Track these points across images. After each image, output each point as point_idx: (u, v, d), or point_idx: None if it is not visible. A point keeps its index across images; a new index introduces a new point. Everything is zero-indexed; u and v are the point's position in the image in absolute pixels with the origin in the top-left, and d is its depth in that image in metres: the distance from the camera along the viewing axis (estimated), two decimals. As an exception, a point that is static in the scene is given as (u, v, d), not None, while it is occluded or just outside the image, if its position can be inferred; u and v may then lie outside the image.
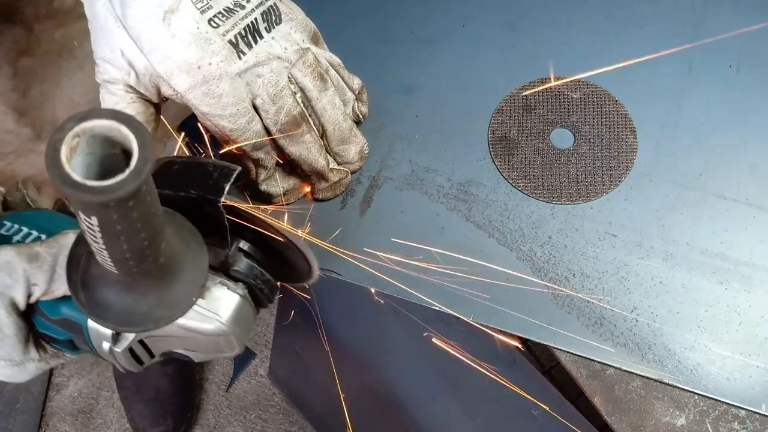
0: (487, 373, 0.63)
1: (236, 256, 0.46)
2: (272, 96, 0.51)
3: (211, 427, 1.44)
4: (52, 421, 1.45)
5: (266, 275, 0.47)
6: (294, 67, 0.52)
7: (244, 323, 0.46)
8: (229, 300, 0.44)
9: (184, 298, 0.40)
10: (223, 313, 0.44)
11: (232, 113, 0.51)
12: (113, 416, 1.45)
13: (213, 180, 0.44)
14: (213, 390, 1.48)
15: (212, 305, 0.44)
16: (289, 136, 0.53)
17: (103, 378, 1.49)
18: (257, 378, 1.48)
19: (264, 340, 1.52)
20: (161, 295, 0.39)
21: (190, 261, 0.40)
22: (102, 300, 0.38)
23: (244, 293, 0.45)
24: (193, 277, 0.40)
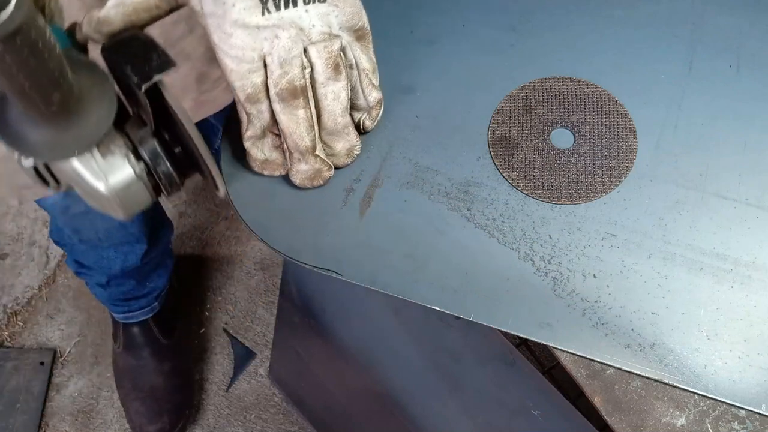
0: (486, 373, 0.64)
1: (147, 139, 0.50)
2: (282, 60, 0.52)
3: (211, 427, 1.44)
4: (52, 421, 1.46)
5: (169, 169, 0.51)
6: (312, 45, 0.52)
7: (131, 197, 0.50)
8: (122, 170, 0.49)
9: (80, 141, 0.45)
10: (112, 179, 0.48)
11: (237, 56, 0.52)
12: (113, 416, 1.46)
13: (150, 66, 0.47)
14: (213, 390, 1.48)
15: (106, 167, 0.48)
16: (284, 104, 0.53)
17: (103, 378, 1.49)
18: (257, 378, 1.49)
19: (264, 340, 1.52)
20: (59, 133, 0.44)
21: (96, 111, 0.45)
22: (11, 124, 0.44)
23: (140, 172, 0.49)
24: (95, 125, 0.45)
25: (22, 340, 1.53)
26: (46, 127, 0.43)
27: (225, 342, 1.53)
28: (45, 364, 1.49)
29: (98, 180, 0.48)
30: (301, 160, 0.57)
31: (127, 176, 0.49)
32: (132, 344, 1.40)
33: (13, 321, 1.55)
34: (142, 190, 0.51)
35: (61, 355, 1.52)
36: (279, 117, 0.54)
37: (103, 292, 1.31)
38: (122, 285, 1.29)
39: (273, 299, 1.56)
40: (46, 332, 1.54)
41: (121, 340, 1.41)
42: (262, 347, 1.52)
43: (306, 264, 0.57)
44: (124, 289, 1.30)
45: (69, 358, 1.52)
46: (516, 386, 0.70)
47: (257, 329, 1.54)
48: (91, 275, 1.26)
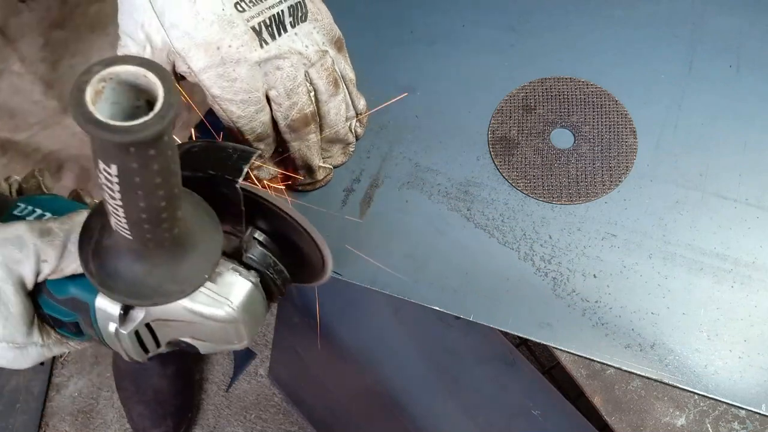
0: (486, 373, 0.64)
1: (250, 244, 0.46)
2: (288, 90, 0.51)
3: (211, 427, 1.44)
4: (52, 421, 1.45)
5: (279, 265, 0.47)
6: (312, 67, 0.52)
7: (254, 312, 0.45)
8: (240, 286, 0.43)
9: (195, 274, 0.39)
10: (234, 298, 0.43)
11: (243, 99, 0.50)
12: (113, 416, 1.45)
13: (232, 161, 0.44)
14: (213, 390, 1.48)
15: (223, 290, 0.43)
16: (296, 133, 0.53)
17: (103, 378, 1.49)
18: (257, 378, 1.49)
19: (264, 340, 1.52)
20: (172, 269, 0.38)
21: (204, 239, 0.40)
22: (112, 270, 0.38)
23: (256, 281, 0.44)
24: (207, 255, 0.40)
25: (22, 340, 1.53)
26: (162, 263, 0.37)
27: (225, 342, 1.52)
28: (45, 364, 1.49)
29: (220, 308, 0.42)
30: (307, 177, 0.58)
31: (247, 290, 0.44)
32: None
33: (13, 321, 1.55)
34: (261, 300, 0.46)
35: (61, 355, 1.52)
36: (290, 145, 0.54)
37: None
38: None
39: (273, 299, 1.56)
40: (46, 332, 1.54)
41: None
42: (262, 347, 1.52)
43: (306, 264, 0.57)
44: None
45: (69, 358, 1.52)
46: (516, 386, 0.70)
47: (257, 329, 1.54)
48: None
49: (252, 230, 0.46)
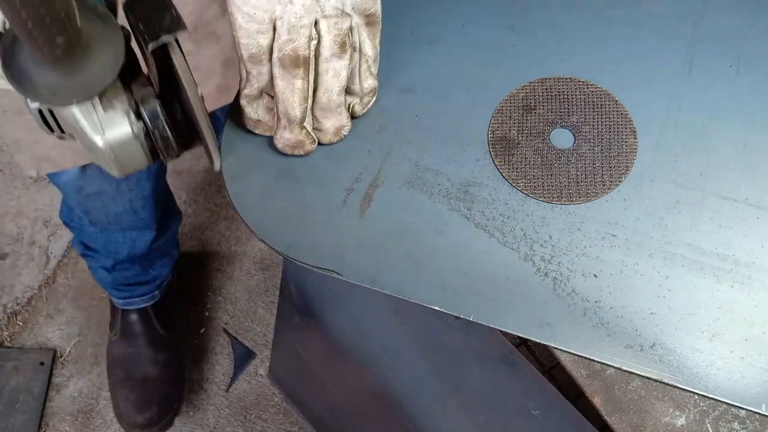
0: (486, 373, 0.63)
1: (150, 99, 0.50)
2: (290, 26, 0.52)
3: (211, 427, 1.44)
4: (52, 421, 1.45)
5: (167, 132, 0.50)
6: (324, 19, 0.52)
7: (126, 155, 0.50)
8: (120, 127, 0.48)
9: (82, 89, 0.44)
10: (109, 133, 0.48)
11: (248, 13, 0.51)
12: (113, 416, 1.45)
13: (161, 25, 0.47)
14: (213, 390, 1.48)
15: (106, 121, 0.48)
16: (284, 70, 0.53)
17: (103, 378, 1.49)
18: (257, 378, 1.49)
19: (264, 340, 1.52)
20: (64, 78, 0.43)
21: (102, 64, 0.44)
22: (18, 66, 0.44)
23: (137, 132, 0.49)
24: (98, 77, 0.44)
25: (22, 340, 1.53)
26: (50, 71, 0.43)
27: (225, 342, 1.53)
28: (45, 364, 1.49)
29: (96, 133, 0.48)
30: (287, 128, 0.57)
31: (124, 133, 0.49)
32: (129, 332, 1.39)
33: (13, 321, 1.55)
34: (138, 151, 0.50)
35: (61, 355, 1.52)
36: (276, 81, 0.55)
37: (107, 276, 1.31)
38: (127, 270, 1.29)
39: (273, 299, 1.56)
40: (46, 332, 1.54)
41: (118, 328, 1.40)
42: (262, 347, 1.52)
43: (306, 264, 0.57)
44: (128, 274, 1.31)
45: (69, 358, 1.52)
46: (516, 386, 0.70)
47: (257, 329, 1.54)
48: (97, 258, 1.27)
49: (159, 90, 0.50)
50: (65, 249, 1.62)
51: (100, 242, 1.21)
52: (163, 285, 1.39)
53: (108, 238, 1.20)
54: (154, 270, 1.34)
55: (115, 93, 0.49)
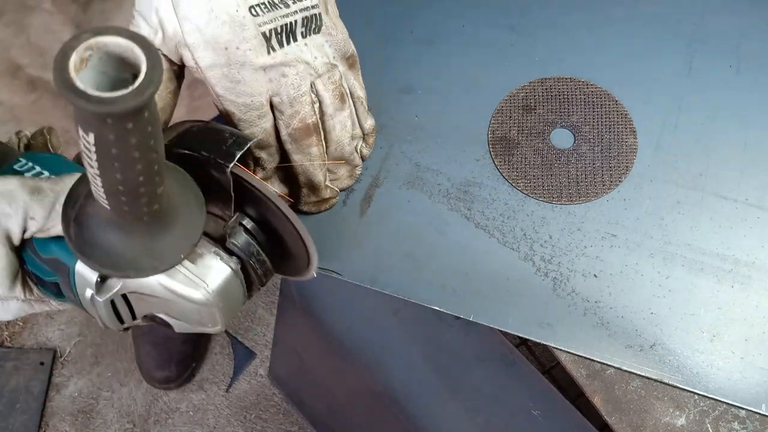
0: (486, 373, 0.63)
1: (235, 230, 0.46)
2: (292, 98, 0.51)
3: (211, 427, 1.44)
4: (52, 421, 1.45)
5: (262, 256, 0.46)
6: (318, 78, 0.52)
7: (230, 298, 0.44)
8: (219, 271, 0.43)
9: (172, 252, 0.40)
10: (211, 282, 0.43)
11: (245, 103, 0.50)
12: (113, 416, 1.46)
13: (226, 146, 0.44)
14: (213, 390, 1.48)
15: (201, 272, 0.42)
16: (297, 144, 0.53)
17: (103, 378, 1.49)
18: (257, 378, 1.49)
19: (264, 340, 1.52)
20: (150, 244, 0.38)
21: (187, 218, 0.40)
22: (90, 238, 0.38)
23: (236, 268, 0.44)
24: (186, 234, 0.40)
25: (22, 340, 1.53)
26: (140, 236, 0.38)
27: (225, 342, 1.52)
28: (45, 364, 1.49)
29: (195, 290, 0.42)
30: (311, 194, 0.57)
31: (225, 275, 0.43)
32: None
33: (13, 321, 1.55)
34: (239, 288, 0.45)
35: (61, 355, 1.52)
36: (292, 156, 0.54)
37: None
38: None
39: (273, 299, 1.56)
40: (46, 332, 1.54)
41: None
42: (262, 347, 1.52)
43: (306, 264, 0.57)
44: None
45: (69, 358, 1.52)
46: (516, 386, 0.70)
47: (257, 329, 1.54)
48: None
49: (239, 216, 0.46)
50: (65, 249, 1.63)
51: None
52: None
53: None
54: None
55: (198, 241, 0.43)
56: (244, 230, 0.46)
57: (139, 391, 1.47)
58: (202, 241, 0.43)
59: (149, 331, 1.42)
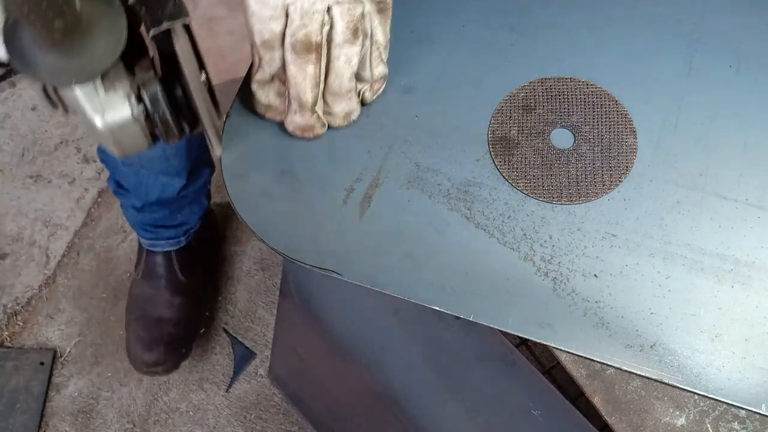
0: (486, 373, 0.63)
1: (152, 83, 0.50)
2: (303, 11, 0.52)
3: (211, 427, 1.44)
4: (52, 421, 1.45)
5: (167, 116, 0.51)
6: (337, 5, 0.52)
7: (125, 138, 0.50)
8: (120, 109, 0.49)
9: (78, 71, 0.45)
10: (108, 115, 0.48)
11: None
12: (113, 416, 1.46)
13: (163, 11, 0.47)
14: (213, 390, 1.48)
15: (106, 101, 0.48)
16: (296, 55, 0.54)
17: (103, 378, 1.49)
18: (257, 378, 1.48)
19: (264, 340, 1.52)
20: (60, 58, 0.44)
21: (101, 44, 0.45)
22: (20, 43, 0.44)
23: (137, 114, 0.49)
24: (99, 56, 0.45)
25: (22, 340, 1.53)
26: (50, 52, 0.43)
27: (225, 342, 1.52)
28: (45, 364, 1.49)
29: (96, 114, 0.48)
30: (298, 112, 0.58)
31: (123, 116, 0.49)
32: (151, 273, 1.43)
33: (13, 321, 1.55)
34: (138, 133, 0.51)
35: (61, 355, 1.52)
36: (288, 67, 0.55)
37: (135, 215, 1.35)
38: (155, 212, 1.33)
39: (273, 299, 1.56)
40: (46, 332, 1.54)
41: (141, 268, 1.45)
42: (262, 347, 1.51)
43: (306, 264, 0.57)
44: (155, 216, 1.34)
45: (69, 358, 1.52)
46: (516, 386, 0.70)
47: (257, 329, 1.54)
48: (128, 197, 1.31)
49: (162, 75, 0.50)
50: (65, 249, 1.62)
51: (132, 182, 1.26)
52: (189, 232, 1.43)
53: (140, 179, 1.24)
54: (182, 216, 1.38)
55: (117, 75, 0.49)
56: (161, 88, 0.50)
57: (139, 391, 1.47)
58: (124, 80, 0.48)
59: (143, 315, 1.41)
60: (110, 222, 1.65)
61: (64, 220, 1.66)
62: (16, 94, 1.82)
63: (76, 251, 1.62)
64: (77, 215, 1.66)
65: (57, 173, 1.72)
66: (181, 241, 1.43)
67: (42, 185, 1.70)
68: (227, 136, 0.62)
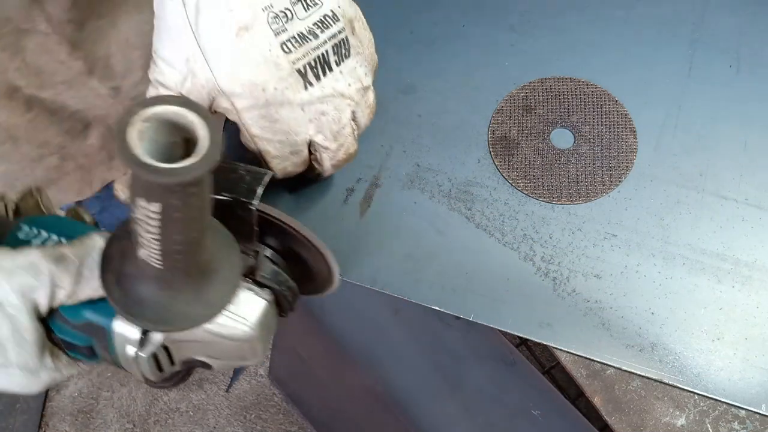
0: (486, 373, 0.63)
1: (262, 262, 0.47)
2: (335, 133, 0.51)
3: (211, 427, 1.45)
4: (52, 421, 1.45)
5: (290, 282, 0.48)
6: (357, 107, 0.52)
7: (268, 328, 0.46)
8: (256, 305, 0.45)
9: (219, 298, 0.40)
10: (251, 317, 0.44)
11: (281, 140, 0.50)
12: (113, 416, 1.46)
13: (246, 183, 0.45)
14: (213, 390, 1.48)
15: (240, 310, 0.44)
16: (337, 168, 0.54)
17: (103, 378, 1.49)
18: (257, 378, 1.49)
19: (264, 340, 1.52)
20: (198, 294, 0.39)
21: (226, 262, 0.41)
22: (137, 297, 0.38)
23: (270, 299, 0.46)
24: (228, 277, 0.41)
25: (22, 340, 1.53)
26: (189, 289, 0.39)
27: (225, 342, 1.53)
28: (45, 364, 1.49)
29: (237, 327, 0.43)
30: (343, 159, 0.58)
31: (262, 308, 0.45)
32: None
33: (13, 321, 1.55)
34: (274, 317, 0.47)
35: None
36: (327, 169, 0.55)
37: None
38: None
39: (273, 299, 1.56)
40: (46, 332, 1.54)
41: None
42: (262, 347, 1.51)
43: (306, 264, 0.57)
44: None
45: (69, 358, 1.52)
46: (516, 386, 0.70)
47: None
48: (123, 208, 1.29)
49: (263, 248, 0.47)
50: (65, 249, 1.62)
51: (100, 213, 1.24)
52: None
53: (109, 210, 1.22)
54: None
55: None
56: (269, 261, 0.47)
57: (139, 391, 1.47)
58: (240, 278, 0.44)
59: None
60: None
61: (64, 220, 1.66)
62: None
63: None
64: (77, 215, 1.66)
65: (57, 173, 1.71)
66: None
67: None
68: (227, 136, 0.62)
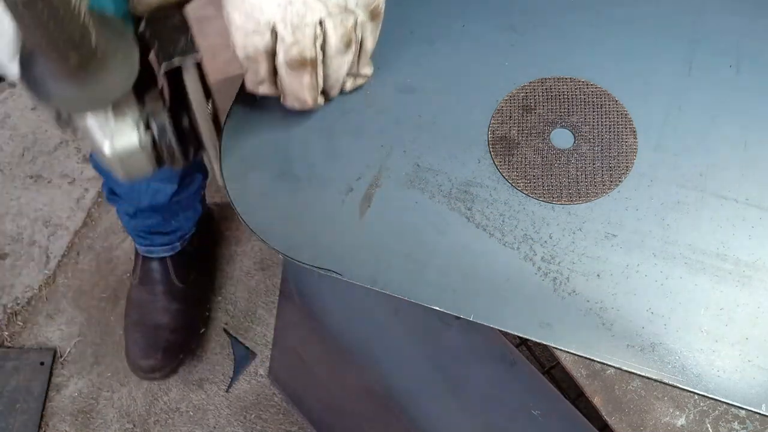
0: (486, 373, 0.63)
1: (160, 113, 0.52)
2: (294, 26, 0.51)
3: (211, 427, 1.44)
4: (52, 421, 1.45)
5: (172, 144, 0.53)
6: (329, 17, 0.52)
7: (131, 164, 0.52)
8: (128, 137, 0.51)
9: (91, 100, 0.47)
10: (117, 142, 0.51)
11: (246, 11, 0.51)
12: (113, 416, 1.46)
13: (174, 48, 0.49)
14: (213, 390, 1.48)
15: (115, 129, 0.50)
16: (291, 70, 0.54)
17: (103, 378, 1.49)
18: (257, 378, 1.48)
19: (264, 340, 1.52)
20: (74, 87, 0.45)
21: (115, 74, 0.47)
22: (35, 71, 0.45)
23: (144, 143, 0.52)
24: (111, 86, 0.47)
25: (22, 340, 1.53)
26: (65, 82, 0.45)
27: (225, 342, 1.52)
28: (45, 364, 1.49)
29: (105, 140, 0.50)
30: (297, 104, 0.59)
31: (131, 143, 0.51)
32: (147, 279, 1.44)
33: (13, 321, 1.55)
34: (143, 160, 0.53)
35: (61, 355, 1.52)
36: (283, 78, 0.55)
37: (129, 222, 1.36)
38: (148, 219, 1.33)
39: (273, 299, 1.56)
40: (46, 332, 1.54)
41: (138, 274, 1.45)
42: (262, 347, 1.51)
43: (306, 264, 0.57)
44: (149, 223, 1.34)
45: (69, 358, 1.52)
46: (516, 386, 0.70)
47: (257, 329, 1.54)
48: (121, 204, 1.31)
49: (171, 105, 0.53)
50: (65, 249, 1.62)
51: (124, 188, 1.26)
52: (184, 237, 1.43)
53: (131, 185, 1.24)
54: (176, 222, 1.38)
55: (127, 104, 0.51)
56: (169, 119, 0.52)
57: (139, 391, 1.47)
58: (134, 108, 0.51)
59: (140, 320, 1.41)
60: (110, 222, 1.65)
61: (64, 220, 1.66)
62: (16, 94, 1.82)
63: (76, 251, 1.62)
64: (77, 215, 1.66)
65: (57, 173, 1.72)
66: (176, 247, 1.43)
67: (42, 185, 1.70)
68: (227, 136, 0.62)
